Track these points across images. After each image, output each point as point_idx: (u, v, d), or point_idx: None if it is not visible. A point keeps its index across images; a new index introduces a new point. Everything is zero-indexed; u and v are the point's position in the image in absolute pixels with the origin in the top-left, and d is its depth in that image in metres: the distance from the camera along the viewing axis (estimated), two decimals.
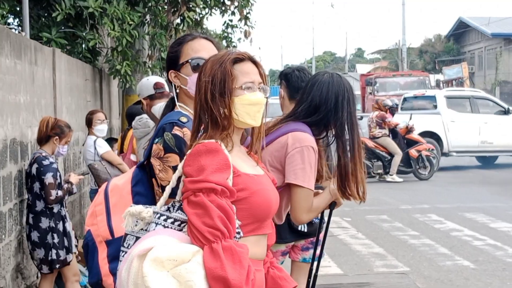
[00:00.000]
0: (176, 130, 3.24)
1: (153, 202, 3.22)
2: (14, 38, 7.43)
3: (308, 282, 4.74)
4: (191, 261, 2.73)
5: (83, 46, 12.49)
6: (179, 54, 3.48)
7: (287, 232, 5.33)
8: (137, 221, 2.95)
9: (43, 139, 7.13)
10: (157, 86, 6.59)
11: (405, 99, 25.30)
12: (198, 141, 2.95)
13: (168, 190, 2.98)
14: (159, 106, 6.16)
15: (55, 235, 7.04)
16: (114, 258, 3.19)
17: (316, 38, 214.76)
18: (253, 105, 3.03)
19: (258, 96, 3.04)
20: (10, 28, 10.00)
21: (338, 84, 4.39)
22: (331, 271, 9.49)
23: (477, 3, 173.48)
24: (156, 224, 2.90)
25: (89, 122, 8.85)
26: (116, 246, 3.18)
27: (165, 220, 2.89)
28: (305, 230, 5.39)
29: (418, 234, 12.07)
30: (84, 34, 12.18)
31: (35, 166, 7.04)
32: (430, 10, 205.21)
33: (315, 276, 4.68)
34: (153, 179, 3.29)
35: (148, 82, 6.74)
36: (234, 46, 15.63)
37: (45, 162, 6.98)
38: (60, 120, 7.42)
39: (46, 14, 12.23)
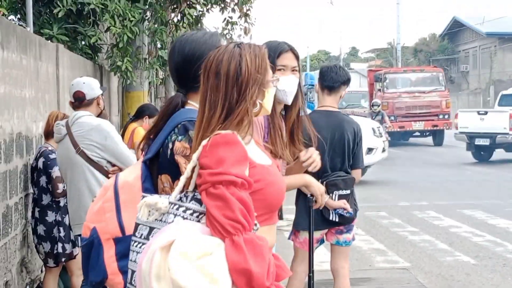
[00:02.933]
0: None
1: None
2: (20, 33, 7.46)
3: (309, 277, 4.82)
4: (213, 253, 2.73)
5: (84, 42, 12.49)
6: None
7: (320, 221, 5.85)
8: (150, 211, 2.97)
9: (50, 133, 7.14)
10: (76, 95, 6.47)
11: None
12: (214, 132, 2.97)
13: (183, 180, 2.96)
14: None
15: (61, 229, 7.07)
16: (123, 256, 3.13)
17: (311, 37, 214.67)
18: (273, 97, 3.12)
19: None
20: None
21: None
22: None
23: (472, 2, 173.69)
24: (175, 215, 2.89)
25: None
26: (126, 244, 3.12)
27: (184, 211, 2.88)
28: (337, 220, 5.97)
29: (418, 230, 12.14)
30: (85, 30, 12.21)
31: (41, 160, 7.07)
32: (425, 9, 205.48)
33: (310, 277, 4.82)
34: (162, 176, 3.25)
35: (72, 87, 6.59)
36: None
37: (52, 156, 7.01)
38: (67, 115, 7.44)
39: (47, 11, 12.25)
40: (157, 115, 3.45)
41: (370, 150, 18.80)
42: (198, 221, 2.87)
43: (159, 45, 14.72)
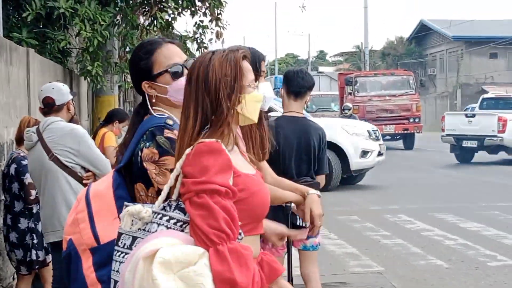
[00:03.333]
0: (168, 133, 3.20)
1: None
2: None
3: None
4: (198, 263, 2.71)
5: (54, 46, 12.37)
6: (151, 64, 3.38)
7: (286, 226, 5.55)
8: (132, 221, 2.92)
9: (21, 139, 7.04)
10: (46, 101, 6.38)
11: None
12: (198, 141, 2.93)
13: (166, 189, 2.92)
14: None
15: (34, 236, 6.98)
16: (100, 266, 3.11)
17: (279, 40, 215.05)
18: (258, 102, 3.04)
19: (259, 94, 3.06)
20: None
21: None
22: None
23: (439, 6, 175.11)
24: (158, 224, 2.86)
25: None
26: (102, 253, 3.12)
27: (167, 220, 2.85)
28: (303, 225, 5.68)
29: (390, 234, 12.16)
30: (54, 34, 12.09)
31: (13, 166, 6.98)
32: (392, 13, 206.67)
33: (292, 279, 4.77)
34: (137, 185, 3.23)
35: (41, 92, 6.50)
36: (205, 47, 15.61)
37: (24, 162, 6.91)
38: (39, 121, 7.35)
39: (16, 14, 12.13)
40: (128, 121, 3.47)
41: (364, 153, 18.63)
42: (182, 230, 2.84)
43: (128, 49, 14.62)
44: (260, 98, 3.05)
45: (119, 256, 2.94)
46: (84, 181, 6.03)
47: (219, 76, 2.94)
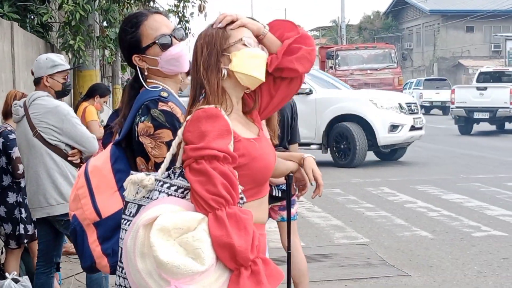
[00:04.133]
0: (162, 106, 3.21)
1: None
2: None
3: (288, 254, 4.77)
4: (197, 229, 2.73)
5: (35, 20, 12.26)
6: (139, 37, 3.37)
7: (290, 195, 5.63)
8: (138, 189, 2.94)
9: (8, 113, 6.99)
10: (32, 73, 6.28)
11: None
12: (198, 107, 2.94)
13: (168, 157, 2.96)
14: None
15: (22, 210, 6.95)
16: (105, 239, 3.16)
17: (255, 14, 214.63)
18: (256, 58, 3.02)
19: (259, 50, 3.06)
20: None
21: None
22: None
23: None
24: (160, 192, 2.89)
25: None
26: (105, 227, 3.16)
27: (168, 187, 2.88)
28: (279, 195, 5.84)
29: (373, 206, 12.24)
30: (36, 8, 11.99)
31: (0, 140, 6.93)
32: None
33: (289, 254, 4.75)
34: (138, 159, 3.25)
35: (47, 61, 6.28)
36: (187, 21, 15.52)
37: (11, 136, 6.86)
38: (26, 94, 7.30)
39: None
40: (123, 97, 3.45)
41: (394, 127, 17.77)
42: (184, 197, 2.87)
43: (105, 24, 14.47)
44: (256, 54, 3.03)
45: (125, 224, 2.97)
46: (69, 158, 6.01)
47: (202, 42, 3.03)
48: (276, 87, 3.20)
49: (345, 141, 17.73)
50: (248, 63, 2.99)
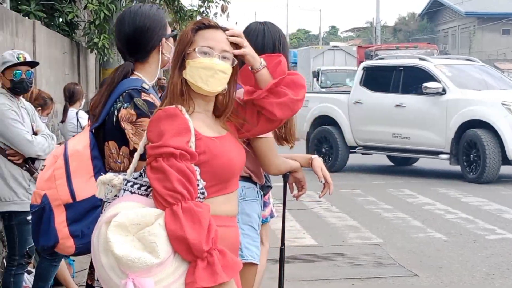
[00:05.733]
0: (145, 96, 3.40)
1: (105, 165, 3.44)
2: None
3: (281, 250, 4.79)
4: (154, 224, 2.87)
5: (61, 19, 12.50)
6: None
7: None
8: (108, 188, 3.09)
9: None
10: None
11: None
12: (160, 107, 3.09)
13: (136, 156, 3.12)
14: None
15: None
16: (74, 221, 3.32)
17: (290, 15, 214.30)
18: (206, 69, 3.10)
19: (213, 61, 3.12)
20: None
21: (273, 30, 4.50)
22: (306, 243, 9.68)
23: None
24: (124, 190, 3.04)
25: (72, 95, 8.69)
26: (76, 210, 3.32)
27: (131, 186, 3.03)
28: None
29: (391, 208, 12.29)
30: (62, 7, 12.21)
31: None
32: None
33: (282, 250, 4.75)
34: (109, 142, 3.42)
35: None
36: None
37: None
38: (43, 92, 7.49)
39: None
40: (106, 82, 3.55)
41: None
42: (147, 194, 3.01)
43: None
44: (206, 64, 3.11)
45: None
46: (9, 158, 5.91)
47: (177, 43, 3.20)
48: (258, 118, 3.33)
49: (475, 151, 15.21)
50: (198, 74, 3.10)
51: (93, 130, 3.48)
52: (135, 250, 2.81)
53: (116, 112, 3.39)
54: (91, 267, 3.54)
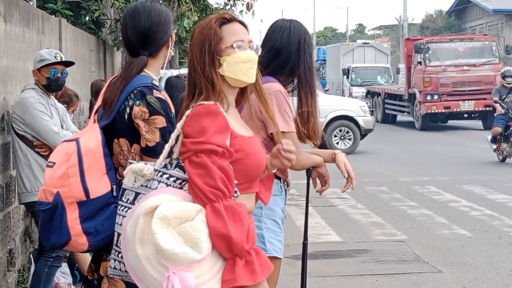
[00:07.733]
0: (157, 93, 3.43)
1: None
2: (23, 7, 7.59)
3: (304, 244, 4.81)
4: (195, 219, 2.91)
5: (87, 17, 12.60)
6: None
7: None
8: (136, 178, 3.12)
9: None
10: None
11: None
12: (197, 103, 3.12)
13: (167, 148, 3.13)
14: None
15: None
16: (87, 219, 3.32)
17: (317, 13, 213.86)
18: (245, 62, 3.18)
19: (249, 53, 3.20)
20: None
21: (299, 28, 4.54)
22: (331, 239, 9.71)
23: None
24: (159, 182, 3.06)
25: (99, 91, 8.65)
26: (90, 207, 3.33)
27: (167, 178, 3.05)
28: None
29: (417, 204, 12.27)
30: (88, 5, 12.31)
31: None
32: None
33: (305, 244, 4.76)
34: (120, 139, 3.46)
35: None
36: None
37: None
38: (69, 89, 7.57)
39: None
40: (119, 76, 3.57)
41: None
42: (181, 187, 3.04)
43: None
44: (245, 58, 3.18)
45: (122, 210, 3.16)
46: (36, 150, 6.12)
47: (195, 44, 3.19)
48: None
49: None
50: (239, 68, 3.16)
51: (103, 128, 3.49)
52: (178, 244, 2.85)
53: (128, 109, 3.43)
54: (94, 261, 3.58)
